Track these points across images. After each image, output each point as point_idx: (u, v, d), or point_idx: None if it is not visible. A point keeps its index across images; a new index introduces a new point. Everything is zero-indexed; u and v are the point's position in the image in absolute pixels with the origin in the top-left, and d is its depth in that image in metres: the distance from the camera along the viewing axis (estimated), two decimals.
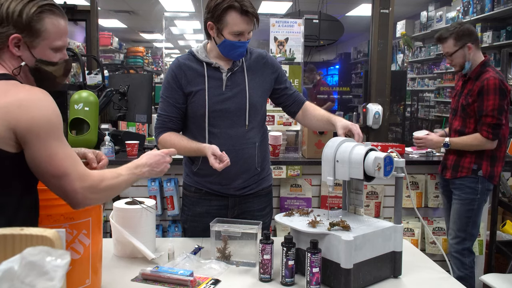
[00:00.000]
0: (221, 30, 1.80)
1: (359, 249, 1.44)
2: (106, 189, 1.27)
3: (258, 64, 1.97)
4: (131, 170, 1.38)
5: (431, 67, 8.46)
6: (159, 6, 7.62)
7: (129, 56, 9.22)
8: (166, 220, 3.15)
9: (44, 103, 1.20)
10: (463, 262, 2.73)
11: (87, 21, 4.92)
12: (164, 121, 1.93)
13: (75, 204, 1.24)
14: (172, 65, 1.95)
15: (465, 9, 6.57)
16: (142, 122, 3.46)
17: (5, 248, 0.84)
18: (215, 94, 1.88)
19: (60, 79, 1.36)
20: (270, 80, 1.99)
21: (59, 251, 0.75)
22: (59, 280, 0.73)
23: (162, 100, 1.94)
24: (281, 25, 3.60)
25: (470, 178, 2.69)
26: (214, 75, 1.89)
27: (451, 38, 2.68)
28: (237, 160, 1.86)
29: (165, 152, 1.51)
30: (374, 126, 4.70)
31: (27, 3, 1.23)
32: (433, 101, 8.35)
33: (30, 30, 1.23)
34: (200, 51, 1.92)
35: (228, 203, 1.95)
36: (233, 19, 1.77)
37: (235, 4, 1.75)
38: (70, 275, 1.14)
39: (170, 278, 1.48)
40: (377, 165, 1.49)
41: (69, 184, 1.20)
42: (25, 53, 1.26)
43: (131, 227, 1.69)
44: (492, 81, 2.55)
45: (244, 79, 1.92)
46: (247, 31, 1.81)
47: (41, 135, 1.17)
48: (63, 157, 1.20)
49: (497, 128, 2.60)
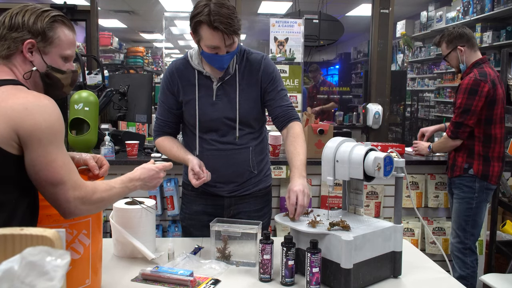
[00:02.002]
0: (199, 42, 1.76)
1: (359, 249, 1.44)
2: (98, 201, 1.29)
3: (252, 71, 1.89)
4: (125, 183, 1.40)
5: (431, 67, 8.46)
6: (159, 6, 7.62)
7: (129, 56, 9.21)
8: (166, 220, 3.15)
9: (50, 109, 1.22)
10: (465, 261, 2.74)
11: (87, 21, 4.92)
12: (160, 125, 1.97)
13: (66, 214, 1.25)
14: (167, 69, 1.94)
15: (465, 9, 6.57)
16: (142, 122, 3.47)
17: (5, 248, 0.84)
18: (205, 104, 1.86)
19: (67, 89, 1.41)
20: (262, 89, 1.91)
21: (59, 251, 0.75)
22: (59, 280, 0.73)
23: (159, 103, 1.97)
24: (281, 25, 3.60)
25: (468, 177, 2.74)
26: (205, 83, 1.87)
27: (443, 42, 2.84)
28: (229, 165, 1.87)
29: (160, 168, 1.52)
30: (374, 126, 4.70)
31: (41, 13, 1.31)
32: (433, 101, 8.35)
33: (44, 37, 1.30)
34: (194, 57, 1.88)
35: (224, 203, 1.95)
36: (205, 33, 1.70)
37: (205, 19, 1.66)
38: (70, 275, 1.14)
39: (170, 278, 1.49)
40: (377, 165, 1.49)
41: (63, 193, 1.22)
42: (37, 59, 1.31)
43: (131, 227, 1.69)
44: (466, 80, 2.66)
45: (236, 89, 1.86)
46: (222, 46, 1.72)
47: (43, 141, 1.19)
48: (61, 164, 1.22)
49: (458, 127, 2.68)
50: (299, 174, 1.73)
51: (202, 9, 1.67)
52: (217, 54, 1.75)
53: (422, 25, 8.20)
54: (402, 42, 8.45)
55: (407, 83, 8.10)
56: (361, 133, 5.28)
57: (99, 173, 1.48)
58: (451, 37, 2.79)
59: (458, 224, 2.77)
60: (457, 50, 2.77)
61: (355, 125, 5.52)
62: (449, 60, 2.85)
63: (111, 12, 8.74)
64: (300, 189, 1.64)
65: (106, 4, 8.01)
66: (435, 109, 8.20)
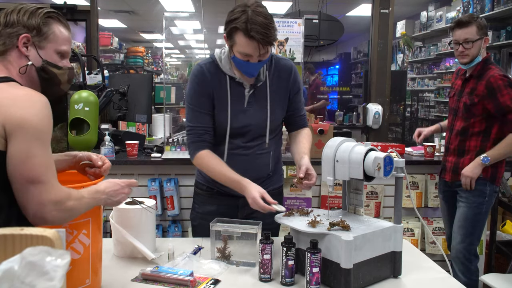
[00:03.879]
0: (232, 47, 1.73)
1: (359, 249, 1.44)
2: (71, 208, 1.23)
3: (281, 78, 1.88)
4: (92, 194, 1.32)
5: (431, 67, 8.46)
6: (159, 6, 7.63)
7: (129, 56, 9.21)
8: (166, 220, 3.15)
9: (40, 105, 1.20)
10: (469, 267, 2.63)
11: (87, 21, 4.92)
12: (199, 133, 1.83)
13: (37, 217, 1.19)
14: (195, 72, 1.85)
15: (465, 9, 6.57)
16: (142, 122, 3.47)
17: (5, 248, 0.84)
18: (237, 111, 1.84)
19: (64, 86, 1.40)
20: (289, 97, 1.94)
21: (59, 251, 0.75)
22: (59, 280, 0.73)
23: (192, 110, 1.84)
24: (281, 25, 3.60)
25: (479, 180, 2.56)
26: (236, 89, 1.84)
27: (474, 25, 2.52)
28: (251, 168, 1.86)
29: (126, 183, 1.44)
30: (374, 126, 4.70)
31: (36, 9, 1.31)
32: (433, 101, 8.35)
33: (39, 31, 1.30)
34: (224, 61, 1.83)
35: (239, 203, 1.93)
36: (240, 40, 1.68)
37: (242, 26, 1.64)
38: (70, 275, 1.14)
39: (170, 278, 1.49)
40: (377, 165, 1.49)
41: (38, 193, 1.17)
42: (33, 53, 1.31)
43: (131, 227, 1.69)
44: (498, 77, 2.47)
45: (266, 96, 1.86)
46: (255, 55, 1.70)
47: (28, 135, 1.17)
48: (41, 163, 1.18)
49: None
50: (308, 157, 1.83)
51: (240, 16, 1.65)
52: (249, 62, 1.73)
53: (422, 25, 8.21)
54: (402, 42, 8.46)
55: (407, 83, 8.11)
56: (361, 133, 5.28)
57: (101, 170, 1.49)
58: (483, 24, 2.52)
59: (465, 229, 2.62)
60: (483, 39, 2.54)
61: (355, 125, 5.53)
62: (471, 47, 2.52)
63: (111, 12, 8.74)
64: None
65: (106, 4, 8.01)
66: (435, 109, 8.20)
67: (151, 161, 3.01)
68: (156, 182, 3.04)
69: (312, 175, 1.75)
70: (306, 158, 1.82)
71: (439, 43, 7.75)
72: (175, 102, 4.97)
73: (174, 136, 3.42)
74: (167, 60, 9.94)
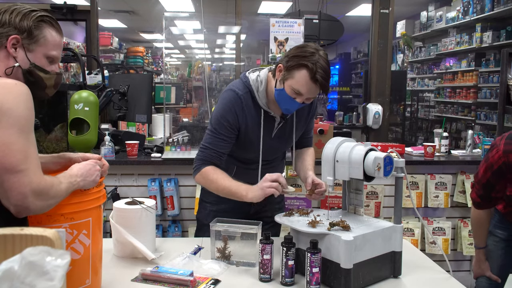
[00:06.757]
0: (285, 79, 1.72)
1: (359, 249, 1.44)
2: (53, 196, 1.21)
3: (304, 107, 1.89)
4: (67, 179, 1.28)
5: (431, 67, 8.46)
6: (159, 6, 7.62)
7: (129, 56, 9.21)
8: (166, 220, 3.15)
9: (21, 93, 1.19)
10: None
11: (87, 21, 4.92)
12: (212, 155, 1.85)
13: (19, 209, 1.16)
14: (232, 100, 1.84)
15: (465, 9, 6.58)
16: (142, 122, 3.47)
17: (5, 248, 0.84)
18: (265, 140, 1.89)
19: (49, 90, 1.38)
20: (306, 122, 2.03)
21: (59, 251, 0.75)
22: (59, 280, 0.73)
23: (214, 134, 1.85)
24: (281, 25, 3.61)
25: None
26: (268, 121, 1.88)
27: None
28: (263, 175, 1.86)
29: (94, 161, 1.41)
30: (374, 126, 4.71)
31: (29, 12, 1.31)
32: (433, 101, 8.35)
33: (29, 34, 1.30)
34: (261, 95, 1.84)
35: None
36: (301, 77, 1.68)
37: (310, 66, 1.66)
38: (70, 275, 1.14)
39: (170, 278, 1.49)
40: (377, 165, 1.49)
41: (18, 184, 1.13)
42: (21, 55, 1.30)
43: (131, 227, 1.69)
44: None
45: (292, 127, 1.94)
46: (305, 96, 1.73)
47: (7, 121, 1.14)
48: (20, 150, 1.14)
49: None
50: (312, 172, 1.90)
51: (310, 55, 1.68)
52: (295, 100, 1.74)
53: (422, 25, 8.21)
54: (402, 42, 8.46)
55: (407, 83, 8.12)
56: (361, 133, 5.28)
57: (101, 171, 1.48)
58: None
59: None
60: None
61: (355, 125, 5.53)
62: None
63: (111, 12, 8.74)
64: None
65: (106, 4, 8.00)
66: (435, 109, 8.21)
67: (151, 161, 3.01)
68: (156, 182, 3.05)
69: (320, 184, 1.79)
70: (311, 173, 1.89)
71: (439, 43, 7.75)
72: (175, 102, 4.97)
73: (174, 136, 3.43)
74: (167, 60, 9.94)
